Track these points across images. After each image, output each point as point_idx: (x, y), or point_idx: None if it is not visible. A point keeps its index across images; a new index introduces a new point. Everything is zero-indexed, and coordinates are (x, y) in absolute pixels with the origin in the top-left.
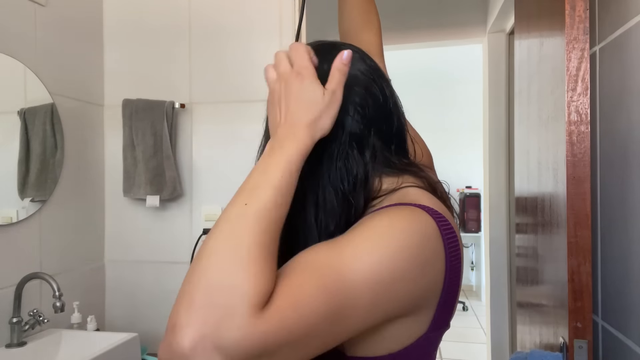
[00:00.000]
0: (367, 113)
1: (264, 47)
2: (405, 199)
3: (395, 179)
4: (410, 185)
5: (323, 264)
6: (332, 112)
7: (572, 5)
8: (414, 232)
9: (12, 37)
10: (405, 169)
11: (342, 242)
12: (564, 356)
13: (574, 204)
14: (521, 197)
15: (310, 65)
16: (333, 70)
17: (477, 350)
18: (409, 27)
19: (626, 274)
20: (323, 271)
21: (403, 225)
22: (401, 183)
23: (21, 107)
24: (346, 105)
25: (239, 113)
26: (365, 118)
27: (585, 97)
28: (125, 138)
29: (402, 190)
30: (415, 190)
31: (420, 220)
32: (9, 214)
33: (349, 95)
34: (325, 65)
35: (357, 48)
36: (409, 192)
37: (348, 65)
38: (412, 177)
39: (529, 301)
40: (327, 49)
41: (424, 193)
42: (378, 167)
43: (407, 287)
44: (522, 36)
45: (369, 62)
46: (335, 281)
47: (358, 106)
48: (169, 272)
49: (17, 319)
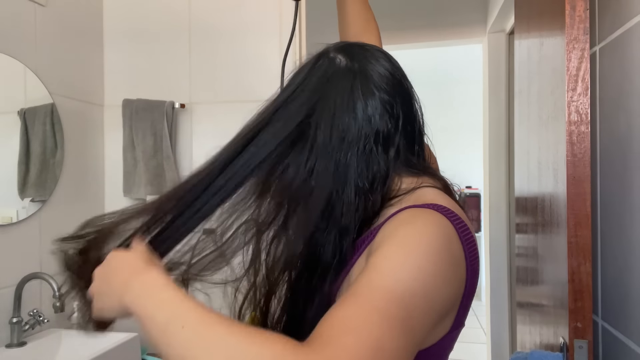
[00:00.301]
0: (395, 112)
1: (264, 47)
2: (421, 199)
3: (415, 179)
4: (427, 186)
5: (370, 289)
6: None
7: (572, 5)
8: (439, 236)
9: (12, 37)
10: (424, 171)
11: (376, 264)
12: (564, 356)
13: (574, 204)
14: (521, 197)
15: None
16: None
17: (477, 350)
18: (409, 27)
19: (626, 274)
20: (372, 295)
21: (429, 231)
22: (420, 183)
23: (21, 107)
24: (376, 103)
25: (239, 113)
26: (393, 117)
27: (585, 97)
28: (125, 138)
29: (420, 191)
30: (432, 191)
31: (440, 224)
32: (9, 214)
33: (378, 92)
34: (356, 65)
35: (382, 49)
36: (426, 192)
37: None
38: (430, 179)
39: (529, 301)
40: (357, 49)
41: (441, 194)
42: (399, 166)
43: (446, 288)
44: (522, 36)
45: (395, 62)
46: (387, 300)
47: (387, 104)
48: None
49: (17, 319)
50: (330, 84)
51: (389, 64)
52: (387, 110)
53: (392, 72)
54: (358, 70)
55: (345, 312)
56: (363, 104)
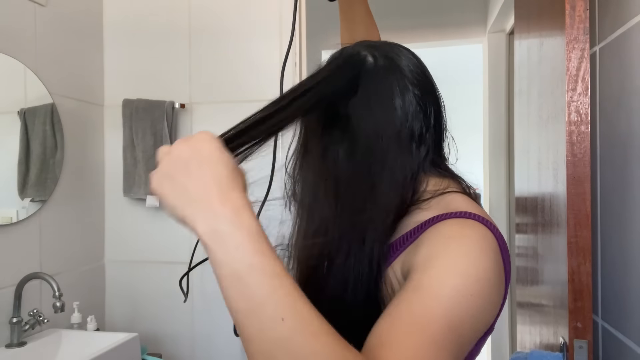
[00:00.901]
0: (428, 109)
1: (264, 47)
2: (453, 206)
3: (440, 180)
4: (455, 191)
5: (428, 320)
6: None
7: (572, 5)
8: (489, 257)
9: (12, 37)
10: (449, 173)
11: (425, 284)
12: (564, 356)
13: (574, 204)
14: (521, 197)
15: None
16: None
17: None
18: (409, 27)
19: (626, 274)
20: (431, 328)
21: (480, 252)
22: (447, 187)
23: (21, 107)
24: (410, 98)
25: (239, 113)
26: (426, 115)
27: (585, 97)
28: (125, 138)
29: (449, 196)
30: (461, 198)
31: (486, 239)
32: (9, 214)
33: (412, 88)
34: (389, 62)
35: (407, 47)
36: (455, 199)
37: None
38: (454, 182)
39: (529, 301)
40: (386, 46)
41: (470, 201)
42: (428, 165)
43: (493, 310)
44: (522, 36)
45: (420, 60)
46: (444, 333)
47: (420, 101)
48: (169, 272)
49: (17, 319)
50: (365, 80)
51: (417, 60)
52: (420, 107)
53: (422, 69)
54: (392, 67)
55: (405, 342)
56: (401, 100)
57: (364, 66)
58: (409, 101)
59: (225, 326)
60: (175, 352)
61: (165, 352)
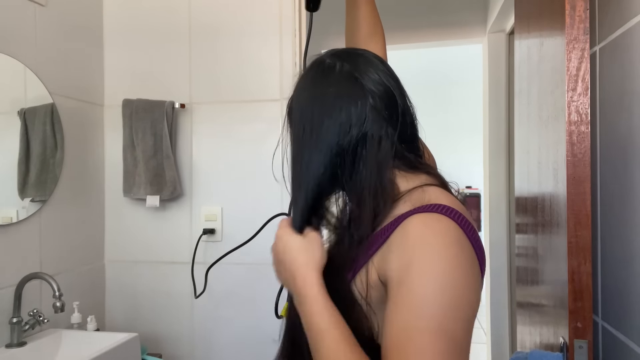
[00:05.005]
0: (387, 113)
1: (264, 47)
2: (424, 199)
3: (414, 175)
4: (427, 184)
5: (417, 324)
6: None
7: (572, 5)
8: (458, 252)
9: (12, 37)
10: (421, 168)
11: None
12: (564, 356)
13: (574, 204)
14: (521, 197)
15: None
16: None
17: (477, 350)
18: (409, 27)
19: (626, 274)
20: (434, 344)
21: (449, 250)
22: (421, 182)
23: (21, 107)
24: (365, 107)
25: (239, 113)
26: (385, 119)
27: (585, 97)
28: (125, 138)
29: (420, 189)
30: (432, 189)
31: (449, 230)
32: (9, 214)
33: (371, 95)
34: (346, 66)
35: (373, 53)
36: (426, 191)
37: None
38: (428, 177)
39: (529, 301)
40: (349, 54)
41: (442, 191)
42: (398, 164)
43: (476, 295)
44: (522, 36)
45: (388, 65)
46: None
47: (379, 105)
48: (169, 272)
49: (17, 319)
50: (321, 87)
51: (383, 66)
52: (378, 111)
53: (385, 75)
54: (351, 74)
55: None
56: (354, 107)
57: (325, 72)
58: (364, 107)
59: (225, 326)
60: (175, 352)
61: (165, 352)
